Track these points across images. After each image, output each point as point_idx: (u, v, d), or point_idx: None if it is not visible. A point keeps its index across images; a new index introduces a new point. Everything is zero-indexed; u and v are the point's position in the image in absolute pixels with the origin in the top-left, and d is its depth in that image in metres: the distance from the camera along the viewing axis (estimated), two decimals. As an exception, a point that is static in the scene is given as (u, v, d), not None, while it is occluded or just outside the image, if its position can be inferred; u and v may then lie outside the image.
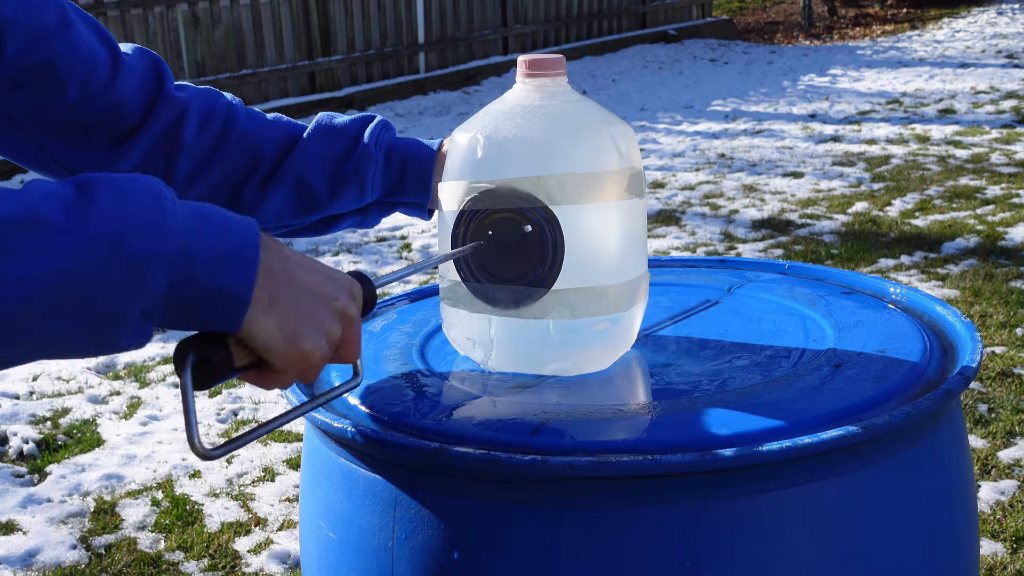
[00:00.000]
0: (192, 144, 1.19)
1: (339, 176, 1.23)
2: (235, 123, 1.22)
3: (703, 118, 8.34)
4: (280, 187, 1.22)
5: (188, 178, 1.19)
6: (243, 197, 1.22)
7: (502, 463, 1.00)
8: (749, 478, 1.00)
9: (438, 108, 9.06)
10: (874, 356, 1.20)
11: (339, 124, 1.26)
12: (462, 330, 1.23)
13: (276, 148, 1.23)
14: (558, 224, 1.13)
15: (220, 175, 1.21)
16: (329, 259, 5.10)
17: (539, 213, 1.13)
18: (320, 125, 1.25)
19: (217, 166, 1.20)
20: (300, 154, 1.23)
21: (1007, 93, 8.59)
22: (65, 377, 3.83)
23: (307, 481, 1.25)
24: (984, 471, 2.87)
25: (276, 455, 3.18)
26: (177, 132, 1.18)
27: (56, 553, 2.70)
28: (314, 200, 1.24)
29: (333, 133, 1.25)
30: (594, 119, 1.17)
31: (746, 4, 15.80)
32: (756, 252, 4.88)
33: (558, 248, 1.13)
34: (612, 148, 1.15)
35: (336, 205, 1.25)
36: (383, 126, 1.26)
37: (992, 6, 14.54)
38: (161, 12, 8.03)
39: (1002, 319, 3.86)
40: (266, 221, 1.24)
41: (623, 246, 1.17)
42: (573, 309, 1.15)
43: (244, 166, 1.21)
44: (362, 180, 1.24)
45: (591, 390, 1.16)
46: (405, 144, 1.27)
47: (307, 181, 1.23)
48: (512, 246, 1.15)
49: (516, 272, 1.15)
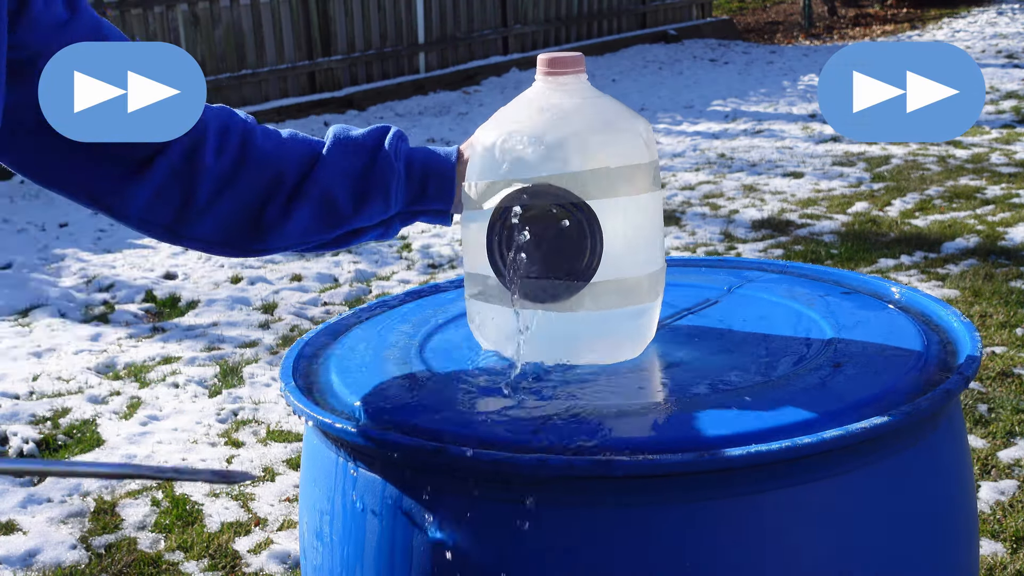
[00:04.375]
0: (212, 167, 1.19)
1: (363, 190, 1.24)
2: (253, 142, 1.22)
3: (703, 118, 8.34)
4: (304, 205, 1.22)
5: (209, 200, 1.20)
6: (266, 215, 1.22)
7: (502, 463, 1.00)
8: (748, 478, 1.00)
9: (438, 108, 9.05)
10: (874, 356, 1.20)
11: (357, 137, 1.26)
12: (494, 326, 1.25)
13: (297, 166, 1.23)
14: (596, 218, 1.16)
15: (242, 195, 1.21)
16: (329, 259, 5.10)
17: (577, 208, 1.16)
18: (338, 140, 1.25)
19: (239, 187, 1.21)
20: (322, 170, 1.23)
21: (1007, 93, 8.59)
22: (65, 377, 3.83)
23: (307, 481, 1.25)
24: (984, 471, 2.87)
25: (276, 455, 3.18)
26: (196, 155, 1.18)
27: (56, 553, 2.70)
28: (338, 215, 1.24)
29: (352, 147, 1.25)
30: (621, 114, 1.20)
31: (746, 4, 15.80)
32: (756, 252, 4.88)
33: (597, 242, 1.16)
34: (641, 142, 1.19)
35: (360, 219, 1.25)
36: (399, 136, 1.27)
37: (992, 6, 14.54)
38: (161, 12, 8.03)
39: (1002, 319, 3.86)
40: (291, 239, 1.24)
41: (652, 237, 1.21)
42: (609, 301, 1.18)
43: (265, 186, 1.22)
44: (386, 192, 1.24)
45: (591, 390, 1.16)
46: (424, 153, 1.28)
47: (331, 197, 1.23)
48: (550, 241, 1.17)
49: (555, 266, 1.18)
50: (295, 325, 4.24)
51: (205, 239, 1.23)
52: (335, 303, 4.51)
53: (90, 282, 4.91)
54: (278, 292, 4.66)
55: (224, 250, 1.25)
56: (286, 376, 1.27)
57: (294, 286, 4.74)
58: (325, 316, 4.34)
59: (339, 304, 4.49)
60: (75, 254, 5.38)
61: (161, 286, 4.82)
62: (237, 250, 1.25)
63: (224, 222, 1.21)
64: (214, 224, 1.21)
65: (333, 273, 4.90)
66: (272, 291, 4.67)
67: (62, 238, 5.65)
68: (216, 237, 1.23)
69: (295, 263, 5.03)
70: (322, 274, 4.87)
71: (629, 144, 1.18)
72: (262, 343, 4.08)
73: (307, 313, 4.39)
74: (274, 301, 4.53)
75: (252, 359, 3.92)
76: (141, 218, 1.20)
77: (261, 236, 1.23)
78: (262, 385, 3.68)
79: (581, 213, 1.16)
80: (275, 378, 3.67)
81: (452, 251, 5.15)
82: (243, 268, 4.98)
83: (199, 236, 1.22)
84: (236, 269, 4.97)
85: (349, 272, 4.89)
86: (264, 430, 3.35)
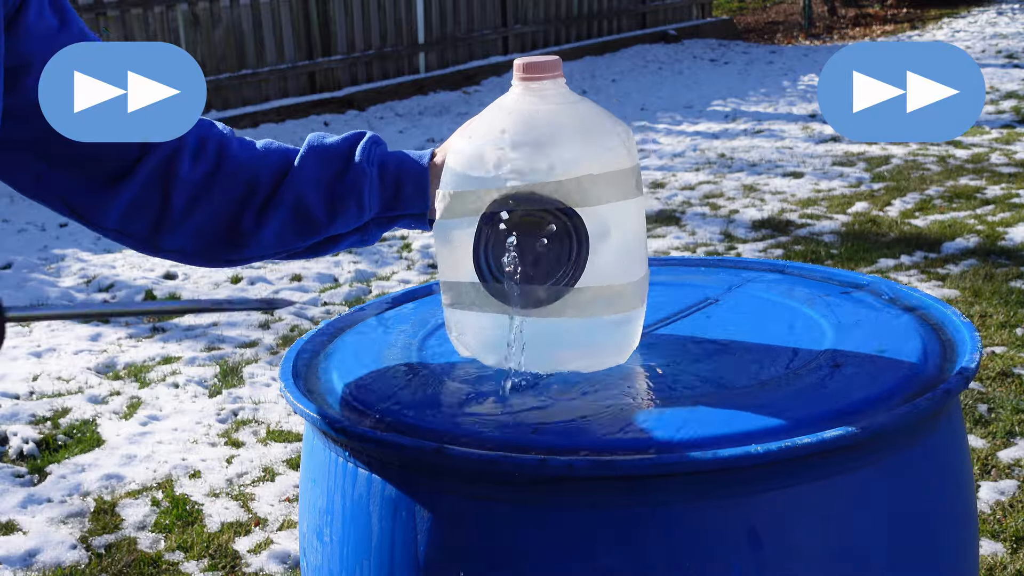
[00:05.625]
0: (187, 177, 1.20)
1: (335, 196, 1.24)
2: (228, 152, 1.24)
3: (703, 118, 8.34)
4: (278, 212, 1.23)
5: (185, 210, 1.21)
6: (241, 224, 1.23)
7: (502, 463, 1.00)
8: (748, 478, 1.00)
9: (438, 108, 9.06)
10: (873, 356, 1.20)
11: (330, 144, 1.26)
12: (474, 333, 1.23)
13: (271, 174, 1.24)
14: (582, 223, 1.15)
15: (216, 205, 1.22)
16: (329, 259, 5.10)
17: (562, 214, 1.15)
18: (312, 147, 1.26)
19: (213, 196, 1.22)
20: (295, 178, 1.24)
21: (1007, 93, 8.59)
22: (65, 377, 3.83)
23: (307, 481, 1.26)
24: (984, 471, 2.87)
25: (276, 455, 3.18)
26: (173, 166, 1.20)
27: (56, 553, 2.70)
28: (313, 222, 1.25)
29: (325, 154, 1.26)
30: (602, 120, 1.19)
31: (746, 4, 15.79)
32: (756, 252, 4.88)
33: (582, 247, 1.15)
34: (622, 147, 1.17)
35: (335, 226, 1.26)
36: (373, 141, 1.27)
37: (992, 6, 14.54)
38: (161, 12, 8.03)
39: (1002, 319, 3.86)
40: (266, 247, 1.25)
41: (636, 243, 1.20)
42: (593, 308, 1.17)
43: (240, 194, 1.23)
44: (359, 198, 1.24)
45: (590, 390, 1.16)
46: (398, 157, 1.27)
47: (304, 204, 1.23)
48: (537, 247, 1.16)
49: (540, 272, 1.17)
50: (295, 325, 4.24)
51: (181, 250, 1.25)
52: (335, 303, 4.51)
53: (90, 282, 4.92)
54: (278, 292, 4.66)
55: (201, 260, 1.26)
56: (286, 376, 1.27)
57: (294, 286, 4.74)
58: (325, 316, 4.34)
59: (339, 304, 4.49)
60: (75, 254, 5.38)
61: (161, 286, 4.82)
62: (214, 260, 1.27)
63: (200, 232, 1.23)
64: (190, 234, 1.23)
65: (333, 273, 4.90)
66: (272, 291, 4.67)
67: (62, 238, 5.65)
68: (192, 247, 1.24)
69: (295, 263, 5.03)
70: (322, 274, 4.87)
71: (612, 150, 1.17)
72: (262, 343, 4.09)
73: (307, 313, 4.39)
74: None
75: (252, 359, 3.92)
76: (118, 229, 1.21)
77: (237, 245, 1.25)
78: (262, 385, 3.68)
79: (566, 218, 1.15)
80: (275, 378, 3.67)
81: (452, 251, 5.15)
82: (243, 268, 4.98)
83: (176, 247, 1.24)
84: (236, 269, 4.97)
85: (349, 272, 4.90)
86: (264, 430, 3.35)
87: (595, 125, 1.18)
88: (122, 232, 1.22)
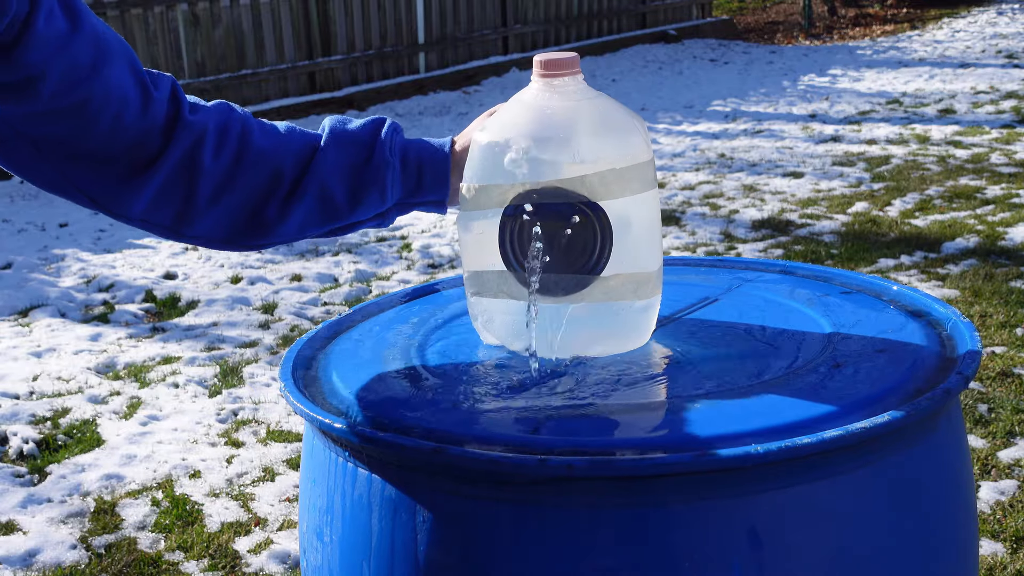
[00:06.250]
0: (211, 167, 1.19)
1: (360, 184, 1.25)
2: (251, 140, 1.23)
3: (703, 118, 8.34)
4: (302, 203, 1.23)
5: (210, 198, 1.20)
6: (265, 214, 1.23)
7: (502, 463, 1.00)
8: (748, 478, 1.00)
9: (438, 108, 9.06)
10: (873, 356, 1.20)
11: (353, 131, 1.27)
12: (501, 320, 1.27)
13: (294, 163, 1.24)
14: (606, 216, 1.19)
15: (241, 194, 1.22)
16: (329, 259, 5.10)
17: (587, 207, 1.18)
18: (335, 134, 1.26)
19: (238, 185, 1.21)
20: (320, 166, 1.24)
21: (1007, 93, 8.59)
22: (65, 377, 3.83)
23: (307, 481, 1.26)
24: (984, 471, 2.87)
25: (276, 455, 3.18)
26: (196, 157, 1.19)
27: (56, 553, 2.70)
28: (336, 210, 1.25)
29: (349, 141, 1.26)
30: (621, 115, 1.22)
31: (746, 4, 15.79)
32: (756, 252, 4.88)
33: (607, 237, 1.20)
34: (641, 141, 1.21)
35: (357, 213, 1.26)
36: (394, 129, 1.28)
37: (992, 6, 14.54)
38: (161, 12, 8.03)
39: (1002, 319, 3.86)
40: (290, 233, 1.25)
41: (656, 232, 1.25)
42: (619, 293, 1.22)
43: (264, 183, 1.22)
44: (382, 186, 1.26)
45: (590, 390, 1.16)
46: (419, 145, 1.29)
47: (328, 193, 1.24)
48: (561, 238, 1.20)
49: (566, 261, 1.21)
50: (295, 325, 4.24)
51: (207, 236, 1.24)
52: (335, 303, 4.51)
53: (90, 282, 4.91)
54: (278, 292, 4.66)
55: (225, 246, 1.26)
56: (286, 376, 1.27)
57: (294, 286, 4.74)
58: (325, 316, 4.34)
59: (339, 304, 4.49)
60: (75, 254, 5.38)
61: (161, 286, 4.82)
62: (238, 245, 1.27)
63: (225, 220, 1.22)
64: (215, 222, 1.22)
65: (333, 273, 4.90)
66: (272, 291, 4.67)
67: (62, 238, 5.65)
68: (217, 234, 1.24)
69: (295, 263, 5.03)
70: (322, 274, 4.87)
71: (632, 144, 1.20)
72: (262, 343, 4.08)
73: (307, 313, 4.39)
74: (274, 301, 4.53)
75: (252, 359, 3.92)
76: (143, 219, 1.21)
77: (261, 231, 1.24)
78: (262, 385, 3.68)
79: (591, 210, 1.19)
80: (275, 378, 3.67)
81: (452, 251, 5.15)
82: (243, 268, 4.98)
83: (200, 234, 1.23)
84: (236, 269, 4.97)
85: (349, 272, 4.89)
86: (264, 430, 3.35)
87: (616, 120, 1.21)
88: (147, 221, 1.21)
